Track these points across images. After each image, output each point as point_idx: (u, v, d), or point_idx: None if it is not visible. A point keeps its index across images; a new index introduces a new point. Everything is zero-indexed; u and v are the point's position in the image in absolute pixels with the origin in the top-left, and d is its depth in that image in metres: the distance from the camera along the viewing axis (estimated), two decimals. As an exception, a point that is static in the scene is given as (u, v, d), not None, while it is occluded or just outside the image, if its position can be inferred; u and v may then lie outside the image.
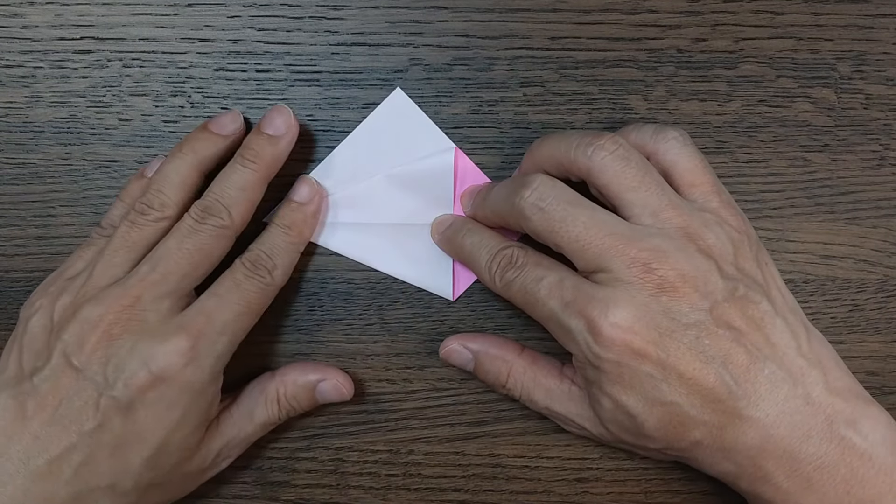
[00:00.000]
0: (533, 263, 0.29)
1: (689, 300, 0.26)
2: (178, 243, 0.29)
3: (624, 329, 0.26)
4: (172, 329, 0.28)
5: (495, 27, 0.34)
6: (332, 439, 0.34)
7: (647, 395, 0.27)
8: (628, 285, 0.26)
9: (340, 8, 0.34)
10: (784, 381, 0.26)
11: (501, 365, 0.31)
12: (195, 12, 0.34)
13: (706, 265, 0.27)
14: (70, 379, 0.27)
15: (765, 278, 0.28)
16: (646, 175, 0.28)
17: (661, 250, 0.26)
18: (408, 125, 0.34)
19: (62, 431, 0.27)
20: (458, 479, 0.35)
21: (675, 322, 0.26)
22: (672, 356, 0.26)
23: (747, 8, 0.34)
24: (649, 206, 0.27)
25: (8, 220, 0.34)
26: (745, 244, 0.28)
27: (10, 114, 0.34)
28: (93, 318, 0.28)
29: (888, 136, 0.34)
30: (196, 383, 0.28)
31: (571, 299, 0.27)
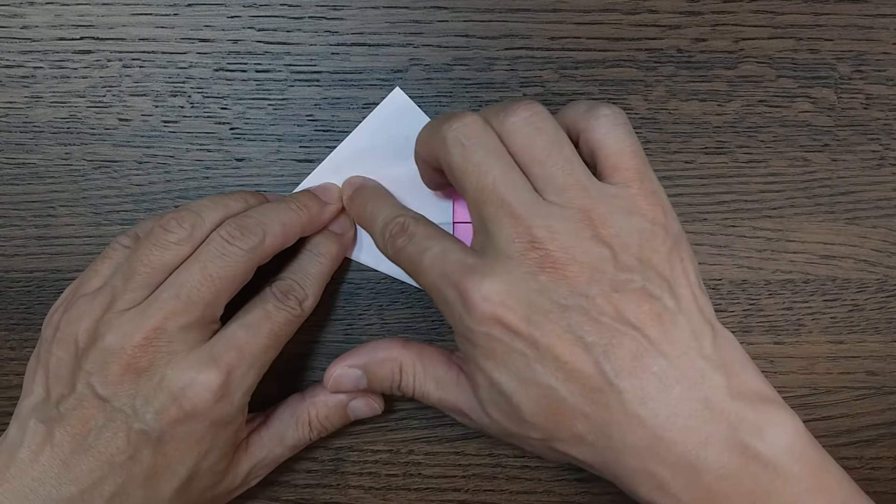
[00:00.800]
0: (422, 234, 0.28)
1: (571, 283, 0.25)
2: (202, 268, 0.28)
3: (494, 302, 0.25)
4: (203, 361, 0.27)
5: (495, 27, 0.34)
6: (332, 439, 0.34)
7: (520, 373, 0.25)
8: (508, 259, 0.25)
9: (340, 8, 0.34)
10: (678, 381, 0.24)
11: (391, 364, 0.30)
12: (195, 12, 0.34)
13: (600, 252, 0.25)
14: (96, 409, 0.27)
15: (673, 275, 0.26)
16: (556, 148, 0.26)
17: (552, 229, 0.25)
18: (407, 125, 0.34)
19: (93, 461, 0.26)
20: (458, 479, 0.35)
21: (551, 302, 0.25)
22: (546, 336, 0.25)
23: (747, 8, 0.34)
24: (554, 182, 0.26)
25: (8, 220, 0.34)
26: (657, 236, 0.26)
27: (10, 114, 0.34)
28: (114, 347, 0.27)
29: (888, 136, 0.34)
30: (225, 417, 0.28)
31: (450, 271, 0.26)
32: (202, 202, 0.30)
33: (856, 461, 0.35)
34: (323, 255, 0.31)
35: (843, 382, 0.35)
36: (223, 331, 0.29)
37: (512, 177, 0.26)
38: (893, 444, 0.35)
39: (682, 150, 0.34)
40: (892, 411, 0.35)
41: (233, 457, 0.30)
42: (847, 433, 0.35)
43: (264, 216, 0.29)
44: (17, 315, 0.34)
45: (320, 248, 0.32)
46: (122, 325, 0.27)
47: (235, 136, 0.34)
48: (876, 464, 0.35)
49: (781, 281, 0.34)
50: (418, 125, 0.34)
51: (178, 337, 0.27)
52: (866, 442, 0.35)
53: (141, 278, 0.28)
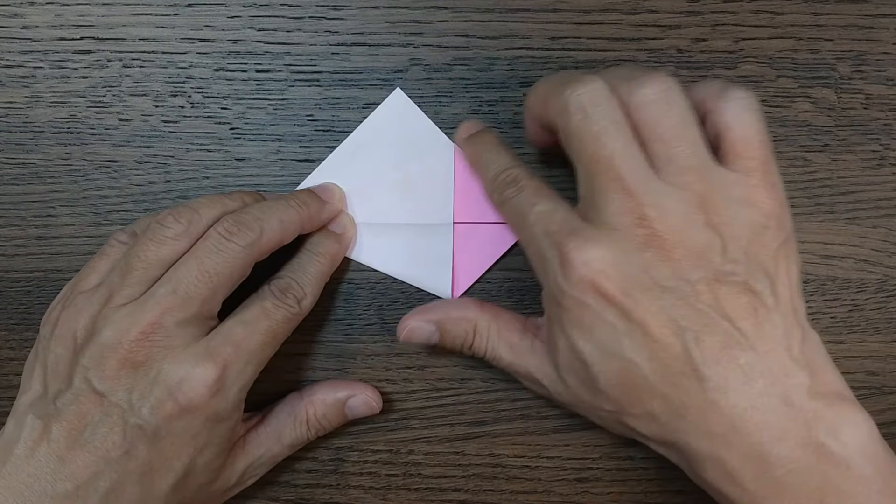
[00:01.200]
0: (533, 188, 0.28)
1: (675, 265, 0.25)
2: (199, 264, 0.28)
3: (594, 269, 0.25)
4: (199, 356, 0.27)
5: (495, 27, 0.34)
6: (332, 439, 0.34)
7: (605, 344, 0.25)
8: (615, 230, 0.25)
9: (340, 8, 0.34)
10: (762, 375, 0.24)
11: (466, 325, 0.30)
12: (195, 12, 0.34)
13: (709, 239, 0.25)
14: (93, 404, 0.27)
15: (777, 271, 0.26)
16: (684, 129, 0.25)
17: (664, 209, 0.25)
18: (407, 125, 0.34)
19: (88, 457, 0.27)
20: (458, 479, 0.35)
21: (652, 280, 0.25)
22: (640, 309, 0.25)
23: (747, 8, 0.34)
24: (675, 162, 0.25)
25: (8, 220, 0.34)
26: (767, 231, 0.25)
27: (10, 114, 0.34)
28: (111, 342, 0.27)
29: (888, 136, 0.34)
30: (221, 413, 0.28)
31: (555, 229, 0.26)
32: (199, 199, 0.30)
33: (856, 461, 0.35)
34: (322, 254, 0.31)
35: (843, 382, 0.35)
36: (220, 327, 0.29)
37: (631, 151, 0.25)
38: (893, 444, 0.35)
39: (682, 150, 0.34)
40: (892, 411, 0.35)
41: (229, 454, 0.30)
42: (847, 433, 0.35)
43: (262, 212, 0.29)
44: (17, 315, 0.34)
45: (319, 248, 0.32)
46: (119, 319, 0.27)
47: (235, 136, 0.34)
48: (876, 464, 0.35)
49: (781, 281, 0.34)
50: (418, 126, 0.34)
51: (175, 332, 0.27)
52: (866, 442, 0.35)
53: (138, 274, 0.28)
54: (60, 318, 0.29)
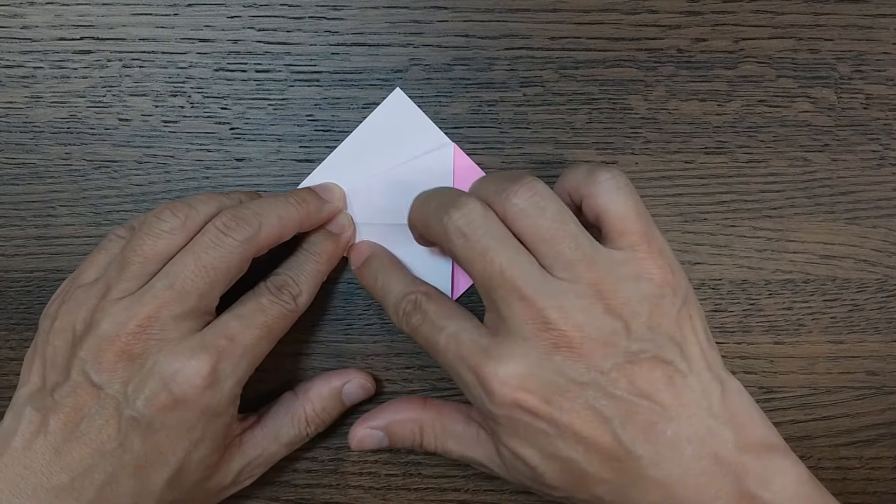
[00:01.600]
0: (435, 312, 0.28)
1: (587, 360, 0.26)
2: (196, 258, 0.28)
3: (513, 387, 0.26)
4: (194, 349, 0.27)
5: (495, 27, 0.34)
6: (332, 439, 0.34)
7: (543, 449, 0.26)
8: (524, 340, 0.26)
9: (340, 8, 0.34)
10: (689, 441, 0.25)
11: (411, 426, 0.31)
12: (195, 12, 0.34)
13: (612, 325, 0.26)
14: (90, 396, 0.27)
15: (683, 335, 0.27)
16: (561, 225, 0.26)
17: (564, 308, 0.26)
18: (407, 125, 0.34)
19: (84, 449, 0.27)
20: (458, 479, 0.35)
21: (569, 381, 0.26)
22: (566, 415, 0.26)
23: (747, 8, 0.34)
24: (561, 260, 0.26)
25: (8, 220, 0.34)
26: (665, 299, 0.27)
27: (10, 114, 0.34)
28: (109, 334, 0.27)
29: (888, 136, 0.34)
30: (215, 406, 0.28)
31: (466, 353, 0.27)
32: (197, 196, 0.30)
33: (856, 461, 0.35)
34: (319, 253, 0.31)
35: (843, 382, 0.35)
36: (216, 321, 0.29)
37: (519, 259, 0.26)
38: (893, 444, 0.35)
39: (682, 150, 0.34)
40: (892, 411, 0.35)
41: (224, 451, 0.30)
42: (847, 433, 0.35)
43: (261, 208, 0.29)
44: (17, 315, 0.34)
45: (317, 247, 0.32)
46: (117, 313, 0.27)
47: (235, 136, 0.34)
48: (876, 464, 0.35)
49: (781, 281, 0.34)
50: (418, 126, 0.34)
51: (172, 325, 0.27)
52: (866, 442, 0.35)
53: (135, 268, 0.28)
54: (59, 312, 0.29)
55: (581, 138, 0.34)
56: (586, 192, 0.28)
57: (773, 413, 0.34)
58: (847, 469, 0.35)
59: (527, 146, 0.34)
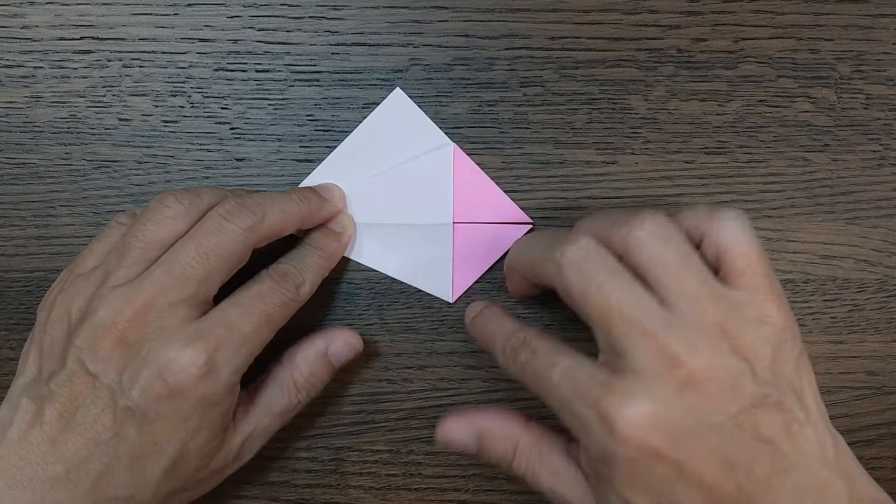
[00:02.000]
0: (546, 348, 0.27)
1: (716, 401, 0.24)
2: (197, 245, 0.28)
3: (641, 427, 0.24)
4: (190, 337, 0.27)
5: (495, 27, 0.34)
6: (332, 439, 0.34)
7: (661, 497, 0.25)
8: (650, 379, 0.24)
9: (340, 8, 0.34)
10: (809, 492, 0.24)
11: (507, 443, 0.29)
12: (195, 12, 0.34)
13: (739, 367, 0.25)
14: (86, 385, 0.27)
15: (801, 383, 0.26)
16: (685, 260, 0.26)
17: (691, 344, 0.24)
18: (408, 125, 0.34)
19: (79, 439, 0.26)
20: (458, 479, 0.35)
21: (697, 423, 0.24)
22: (691, 459, 0.24)
23: (747, 8, 0.34)
24: (686, 295, 0.25)
25: (8, 220, 0.34)
26: (787, 345, 0.26)
27: (10, 114, 0.34)
28: (105, 322, 0.27)
29: (888, 136, 0.34)
30: (212, 396, 0.27)
31: (586, 389, 0.25)
32: (202, 187, 0.30)
33: (856, 461, 0.35)
34: (322, 248, 0.31)
35: (843, 382, 0.35)
36: (214, 309, 0.28)
37: (637, 294, 0.25)
38: (893, 444, 0.35)
39: (682, 150, 0.34)
40: (892, 411, 0.35)
41: (223, 437, 0.29)
42: (847, 433, 0.35)
43: (264, 199, 0.29)
44: (17, 315, 0.34)
45: (319, 243, 0.32)
46: (114, 299, 0.27)
47: (235, 136, 0.34)
48: (876, 464, 0.35)
49: (781, 281, 0.34)
50: (418, 125, 0.34)
51: (169, 313, 0.27)
52: (866, 442, 0.35)
53: (135, 254, 0.28)
54: (56, 301, 0.28)
55: (581, 138, 0.34)
56: (707, 229, 0.27)
57: (773, 413, 0.34)
58: (847, 469, 0.35)
59: (527, 146, 0.34)
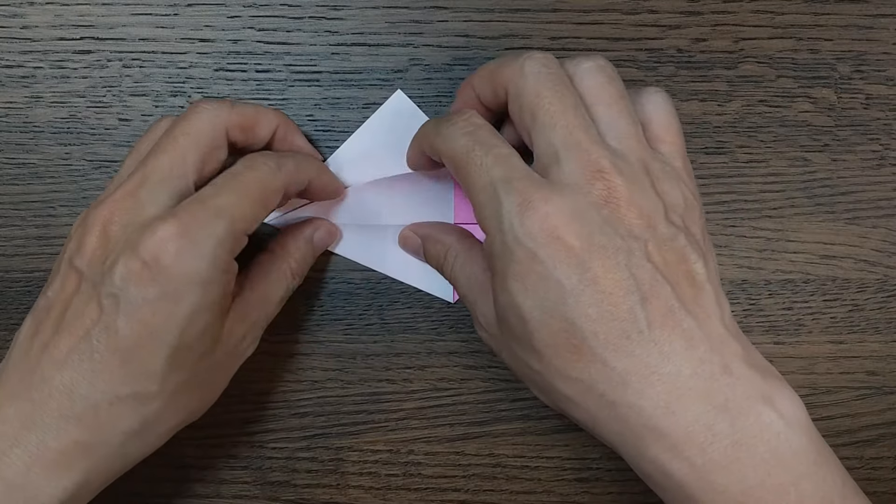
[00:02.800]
0: (489, 130, 0.27)
1: (630, 224, 0.25)
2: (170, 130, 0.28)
3: (557, 220, 0.24)
4: (163, 217, 0.26)
5: (495, 27, 0.34)
6: (332, 439, 0.34)
7: (548, 302, 0.24)
8: (576, 186, 0.25)
9: (340, 8, 0.34)
10: (702, 341, 0.24)
11: (440, 247, 0.31)
12: (195, 12, 0.34)
13: (655, 203, 0.25)
14: (74, 283, 0.26)
15: (706, 245, 0.26)
16: (624, 100, 0.27)
17: (619, 167, 0.25)
18: (409, 127, 0.34)
19: (69, 339, 0.26)
20: (458, 479, 0.35)
21: (609, 238, 0.24)
22: (597, 264, 0.24)
23: (747, 8, 0.34)
24: (617, 128, 0.26)
25: (8, 220, 0.34)
26: (695, 209, 0.27)
27: (10, 114, 0.34)
28: (91, 219, 0.27)
29: (888, 136, 0.34)
30: (198, 272, 0.26)
31: (517, 177, 0.25)
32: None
33: (856, 461, 0.35)
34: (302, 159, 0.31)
35: (843, 382, 0.35)
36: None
37: (581, 111, 0.26)
38: (893, 444, 0.35)
39: (682, 150, 0.34)
40: (892, 411, 0.35)
41: (224, 322, 0.28)
42: (847, 433, 0.35)
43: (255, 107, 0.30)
44: (17, 315, 0.34)
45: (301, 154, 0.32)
46: (103, 199, 0.27)
47: (235, 136, 0.34)
48: (876, 464, 0.35)
49: (781, 281, 0.34)
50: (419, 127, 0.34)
51: (149, 198, 0.27)
52: (866, 442, 0.35)
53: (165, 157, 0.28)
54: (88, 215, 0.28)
55: (581, 138, 0.34)
56: (636, 98, 0.28)
57: (773, 413, 0.34)
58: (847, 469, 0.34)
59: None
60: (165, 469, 0.34)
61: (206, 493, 0.34)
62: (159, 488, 0.34)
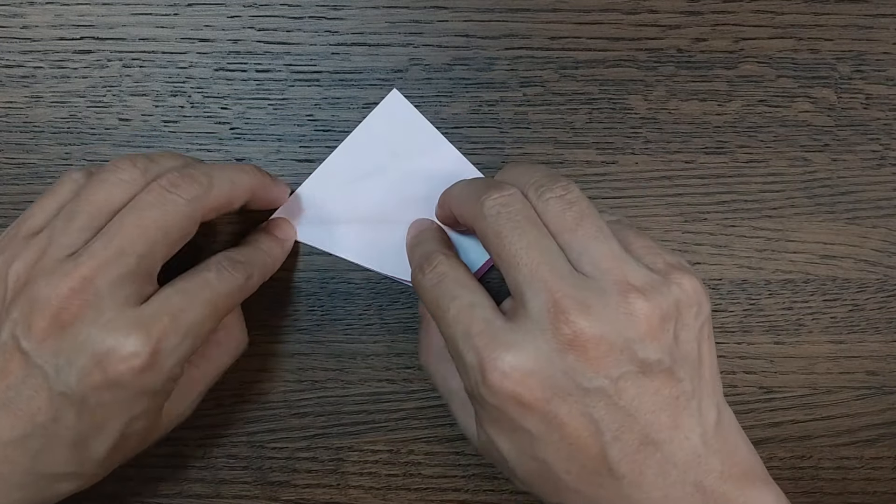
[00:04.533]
0: (453, 278, 0.27)
1: (598, 365, 0.24)
2: (138, 216, 0.26)
3: (515, 380, 0.24)
4: (132, 325, 0.25)
5: (495, 27, 0.34)
6: (332, 439, 0.34)
7: (521, 447, 0.25)
8: (539, 331, 0.24)
9: (340, 8, 0.34)
10: (675, 466, 0.25)
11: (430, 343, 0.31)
12: (195, 12, 0.34)
13: (632, 331, 0.24)
14: (17, 363, 0.25)
15: (700, 354, 0.26)
16: (589, 218, 0.26)
17: (585, 303, 0.24)
18: (405, 126, 0.34)
19: (13, 418, 0.25)
20: (458, 479, 0.35)
21: (574, 384, 0.24)
22: (561, 414, 0.24)
23: (747, 8, 0.34)
24: (588, 253, 0.25)
25: (8, 221, 0.34)
26: (692, 311, 0.26)
27: (10, 114, 0.34)
28: (41, 298, 0.25)
29: (888, 136, 0.34)
30: (154, 386, 0.26)
31: (475, 331, 0.25)
32: (159, 152, 0.28)
33: (856, 461, 0.35)
34: (267, 252, 0.31)
35: (843, 382, 0.35)
36: (157, 294, 0.26)
37: (546, 243, 0.26)
38: (893, 444, 0.35)
39: (682, 150, 0.34)
40: (892, 411, 0.35)
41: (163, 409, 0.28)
42: (847, 433, 0.35)
43: (213, 169, 0.28)
44: (17, 315, 0.34)
45: (264, 245, 0.31)
46: (53, 273, 0.25)
47: (235, 136, 0.34)
48: (876, 464, 0.35)
49: (781, 281, 0.34)
50: (416, 127, 0.34)
51: (108, 292, 0.25)
52: (866, 442, 0.35)
53: (83, 219, 0.26)
54: None
55: (581, 138, 0.34)
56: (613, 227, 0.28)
57: (773, 413, 0.34)
58: (847, 469, 0.35)
59: (527, 146, 0.34)
60: (165, 469, 0.34)
61: (206, 493, 0.34)
62: (159, 488, 0.34)
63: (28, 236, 0.27)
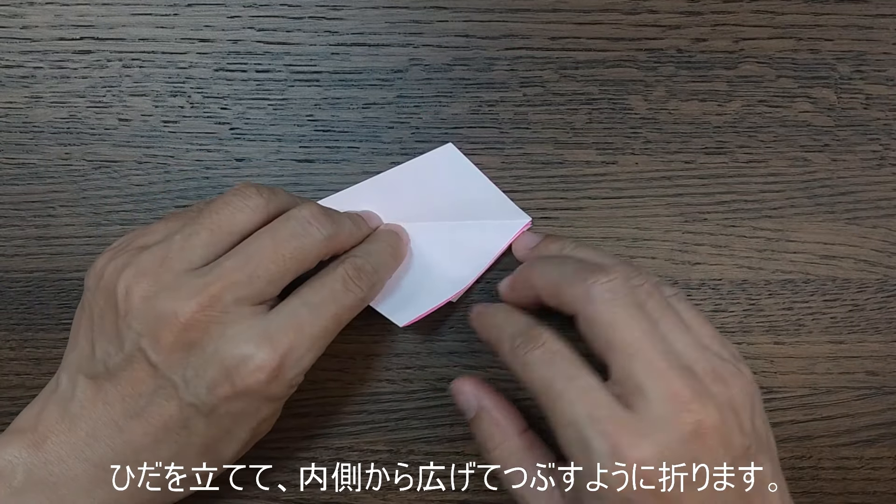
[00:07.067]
0: (565, 356, 0.26)
1: (714, 453, 0.25)
2: (276, 244, 0.27)
3: (648, 471, 0.24)
4: (260, 338, 0.26)
5: (495, 27, 0.34)
6: (332, 439, 0.34)
7: None
8: (663, 423, 0.24)
9: (340, 8, 0.34)
10: None
11: (496, 435, 0.29)
12: (195, 12, 0.34)
13: (732, 418, 0.25)
14: (146, 374, 0.26)
15: (769, 436, 0.27)
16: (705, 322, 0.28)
17: (701, 393, 0.25)
18: (458, 180, 0.32)
19: (146, 426, 0.26)
20: (457, 479, 0.35)
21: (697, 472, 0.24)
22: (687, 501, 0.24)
23: (747, 8, 0.34)
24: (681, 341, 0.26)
25: (8, 220, 0.34)
26: (757, 399, 0.27)
27: (10, 114, 0.34)
28: (167, 312, 0.25)
29: (888, 136, 0.34)
30: (278, 394, 0.27)
31: (602, 417, 0.25)
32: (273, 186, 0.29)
33: (856, 461, 0.34)
34: (392, 246, 0.31)
35: (843, 382, 0.35)
36: (283, 306, 0.27)
37: (658, 336, 0.26)
38: (893, 444, 0.35)
39: (682, 150, 0.34)
40: (892, 411, 0.35)
41: None
42: (847, 433, 0.35)
43: (337, 213, 0.29)
44: (17, 315, 0.34)
45: (389, 239, 0.31)
46: (178, 287, 0.26)
47: (235, 136, 0.34)
48: (876, 464, 0.35)
49: (781, 281, 0.34)
50: (470, 181, 0.32)
51: (234, 309, 0.26)
52: (866, 442, 0.35)
53: (203, 236, 0.27)
54: (107, 270, 0.27)
55: (581, 138, 0.34)
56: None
57: (773, 413, 0.34)
58: (847, 469, 0.35)
59: (527, 146, 0.34)
60: (165, 469, 0.34)
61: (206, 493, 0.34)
62: (159, 488, 0.34)
63: (145, 247, 0.27)
